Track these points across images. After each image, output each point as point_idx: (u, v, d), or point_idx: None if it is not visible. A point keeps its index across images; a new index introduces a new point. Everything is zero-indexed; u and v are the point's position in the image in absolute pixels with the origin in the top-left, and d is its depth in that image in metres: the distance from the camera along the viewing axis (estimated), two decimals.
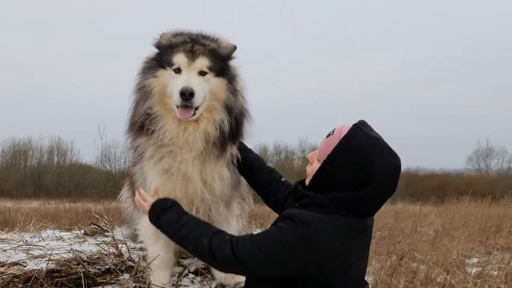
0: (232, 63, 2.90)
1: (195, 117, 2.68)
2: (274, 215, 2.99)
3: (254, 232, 4.29)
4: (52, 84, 68.09)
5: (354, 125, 2.22)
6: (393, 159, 2.14)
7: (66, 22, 71.65)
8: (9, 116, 57.09)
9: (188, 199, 2.81)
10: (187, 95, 2.58)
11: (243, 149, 2.91)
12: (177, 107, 2.65)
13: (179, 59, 2.71)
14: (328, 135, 2.26)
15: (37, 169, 43.16)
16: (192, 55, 2.73)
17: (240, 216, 3.31)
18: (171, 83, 2.70)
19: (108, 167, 43.38)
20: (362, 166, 2.10)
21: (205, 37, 2.85)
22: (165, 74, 2.74)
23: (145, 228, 2.98)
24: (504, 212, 14.76)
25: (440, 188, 30.22)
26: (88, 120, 60.22)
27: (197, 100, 2.62)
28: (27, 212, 13.18)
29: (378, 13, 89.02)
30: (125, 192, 3.54)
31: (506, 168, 47.15)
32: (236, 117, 2.83)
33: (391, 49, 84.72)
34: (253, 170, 2.87)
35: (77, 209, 17.62)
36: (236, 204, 3.12)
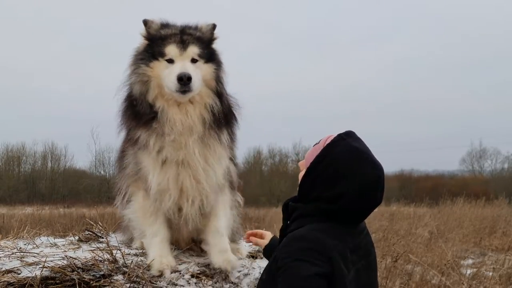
0: (216, 47, 3.08)
1: (191, 94, 2.83)
2: (269, 219, 3.01)
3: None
4: (45, 89, 67.77)
5: (339, 135, 2.21)
6: (373, 171, 2.11)
7: (60, 26, 71.45)
8: (2, 121, 56.74)
9: (185, 189, 2.93)
10: (185, 80, 2.74)
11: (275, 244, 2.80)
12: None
13: (171, 50, 2.87)
14: (315, 144, 2.27)
15: (30, 175, 42.86)
16: (183, 45, 2.89)
17: (232, 207, 3.35)
18: (165, 72, 2.84)
19: (102, 172, 43.22)
20: (335, 181, 2.09)
21: (190, 27, 3.03)
22: (159, 65, 2.89)
23: (141, 210, 3.10)
24: (498, 213, 14.86)
25: (434, 189, 30.28)
26: (81, 125, 60.09)
27: (194, 84, 2.79)
28: (21, 218, 13.14)
29: (363, 13, 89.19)
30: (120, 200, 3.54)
31: (500, 169, 47.38)
32: (226, 102, 3.03)
33: (379, 49, 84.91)
34: None
35: (71, 214, 17.60)
36: (227, 195, 3.20)
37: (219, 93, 2.99)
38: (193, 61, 2.90)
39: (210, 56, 2.98)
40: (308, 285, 1.94)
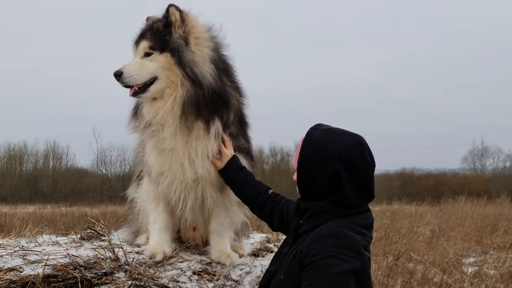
0: (179, 30, 2.85)
1: (145, 95, 2.84)
2: None
3: (251, 234, 4.30)
4: (46, 88, 67.78)
5: (310, 128, 2.35)
6: (352, 139, 2.22)
7: (56, 24, 71.52)
8: (4, 120, 56.82)
9: (175, 173, 2.92)
10: (115, 77, 2.80)
11: (230, 166, 2.92)
12: None
13: (132, 49, 2.94)
14: (296, 147, 2.38)
15: (32, 174, 42.92)
16: (137, 42, 2.90)
17: (242, 204, 3.25)
18: None
19: (104, 171, 43.38)
20: (325, 161, 2.18)
21: (160, 19, 2.91)
22: None
23: (146, 194, 3.17)
24: (500, 212, 14.84)
25: (436, 188, 30.25)
26: (83, 124, 60.07)
27: (127, 79, 2.80)
28: (23, 217, 13.17)
29: (363, 9, 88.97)
30: (133, 184, 3.54)
31: (502, 167, 47.35)
32: (209, 88, 2.82)
33: (380, 45, 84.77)
34: (236, 186, 2.94)
35: (73, 213, 17.62)
36: (232, 193, 3.07)
37: (193, 79, 2.79)
38: (147, 55, 2.84)
39: (164, 45, 2.82)
40: (339, 282, 1.98)
